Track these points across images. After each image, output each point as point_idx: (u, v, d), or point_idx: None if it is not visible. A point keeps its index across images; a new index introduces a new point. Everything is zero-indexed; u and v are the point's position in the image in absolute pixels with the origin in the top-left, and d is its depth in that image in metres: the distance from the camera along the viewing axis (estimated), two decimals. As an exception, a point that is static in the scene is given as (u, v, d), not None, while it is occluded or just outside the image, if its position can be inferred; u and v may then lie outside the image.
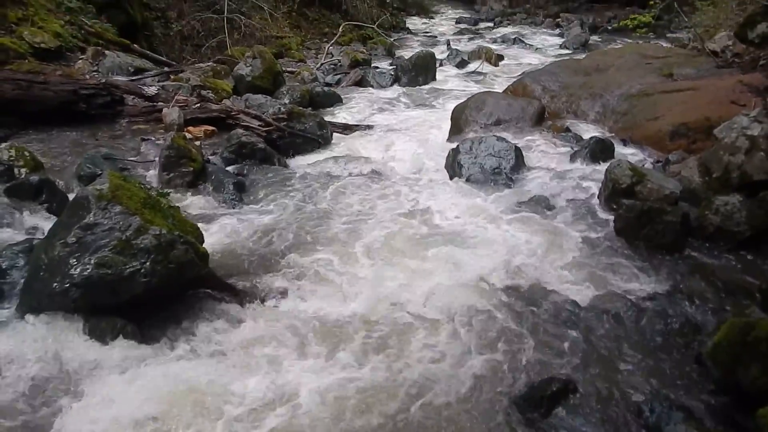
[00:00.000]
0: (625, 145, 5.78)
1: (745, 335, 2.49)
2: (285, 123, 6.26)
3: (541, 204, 4.57)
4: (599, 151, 5.40)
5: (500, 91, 8.09)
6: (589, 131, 6.27)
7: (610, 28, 17.05)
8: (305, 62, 12.56)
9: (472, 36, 18.43)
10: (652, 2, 8.05)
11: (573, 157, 5.50)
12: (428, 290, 3.48)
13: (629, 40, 12.85)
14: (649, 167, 5.02)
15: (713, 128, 4.77)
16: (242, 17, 13.36)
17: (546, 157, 5.63)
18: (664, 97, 6.15)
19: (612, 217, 4.19)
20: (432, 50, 12.15)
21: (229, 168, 5.46)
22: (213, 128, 6.30)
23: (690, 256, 3.80)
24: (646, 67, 7.42)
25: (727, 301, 3.27)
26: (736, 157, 4.08)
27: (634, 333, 3.11)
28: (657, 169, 5.01)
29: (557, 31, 18.53)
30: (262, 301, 3.46)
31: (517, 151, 5.44)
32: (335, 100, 8.70)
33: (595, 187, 4.74)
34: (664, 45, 10.99)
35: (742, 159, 4.04)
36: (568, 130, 6.25)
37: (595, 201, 4.57)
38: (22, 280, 3.22)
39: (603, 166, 4.87)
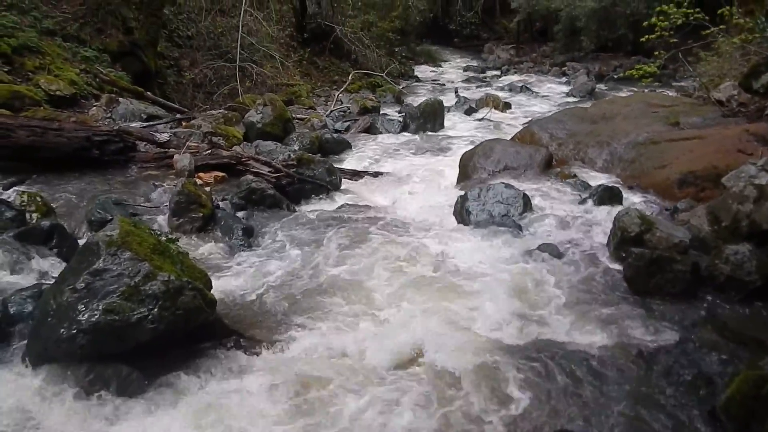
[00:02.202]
0: (632, 192, 5.79)
1: (759, 389, 2.45)
2: (294, 169, 6.31)
3: (550, 251, 4.55)
4: (607, 198, 5.41)
5: (508, 138, 8.17)
6: (596, 178, 6.30)
7: (615, 76, 17.27)
8: (315, 109, 12.75)
9: (479, 84, 18.70)
10: (657, 53, 8.17)
11: (581, 205, 5.51)
12: (438, 340, 3.43)
13: (635, 89, 13.00)
14: (658, 215, 5.02)
15: (721, 177, 4.80)
16: (254, 65, 13.64)
17: (554, 204, 5.63)
18: (671, 146, 6.20)
19: (621, 266, 4.17)
20: (440, 98, 12.30)
21: (238, 214, 5.48)
22: (223, 174, 6.35)
23: (701, 305, 3.76)
24: (653, 115, 7.50)
25: (739, 352, 3.21)
26: (744, 206, 4.07)
27: (645, 384, 3.05)
28: (665, 217, 5.00)
29: (563, 79, 18.78)
30: (270, 349, 3.43)
31: (525, 198, 5.45)
32: (344, 147, 8.78)
33: (603, 235, 4.73)
34: (670, 94, 11.14)
35: (751, 208, 4.04)
36: (575, 177, 6.28)
37: (604, 249, 4.55)
38: (30, 326, 3.21)
39: (611, 214, 4.88)
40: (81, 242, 4.34)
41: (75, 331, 2.90)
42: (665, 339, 3.43)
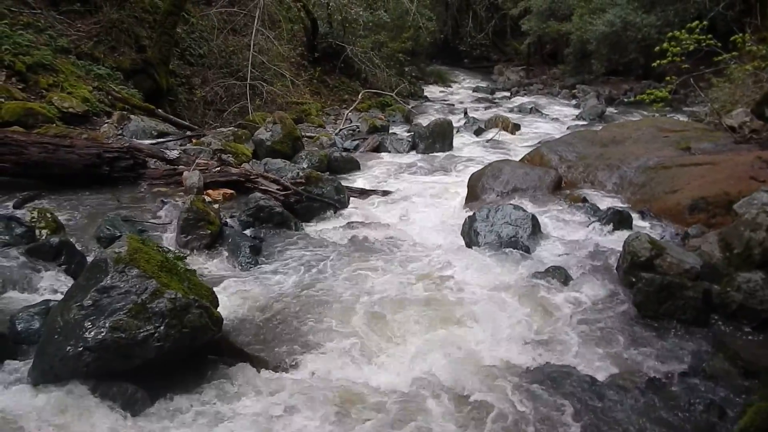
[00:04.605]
0: (642, 217, 5.75)
1: (774, 421, 2.40)
2: (303, 187, 6.32)
3: (558, 274, 4.51)
4: (617, 222, 5.38)
5: (517, 159, 8.16)
6: (606, 202, 6.27)
7: (626, 100, 17.24)
8: (324, 127, 12.82)
9: (489, 105, 18.75)
10: (668, 77, 8.17)
11: (590, 228, 5.47)
12: (445, 362, 3.41)
13: (645, 113, 13.00)
14: (668, 240, 4.98)
15: (733, 203, 4.76)
16: (264, 84, 13.74)
17: (563, 227, 5.60)
18: (682, 171, 6.16)
19: (631, 290, 4.13)
20: (449, 118, 12.32)
21: (246, 231, 5.49)
22: (232, 191, 6.37)
23: (712, 333, 3.71)
24: (664, 140, 7.47)
25: (752, 382, 3.16)
26: (757, 234, 4.02)
27: (655, 413, 3.00)
28: (676, 242, 4.96)
29: (573, 101, 18.80)
30: (275, 368, 3.40)
31: (534, 219, 5.43)
32: (353, 166, 8.81)
33: (613, 259, 4.69)
34: (681, 119, 11.12)
35: (764, 236, 3.98)
36: (585, 200, 6.25)
37: (613, 273, 4.51)
38: (37, 343, 3.20)
39: (621, 238, 4.84)
40: (90, 259, 4.34)
41: (81, 349, 2.89)
42: (675, 367, 3.38)
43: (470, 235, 5.40)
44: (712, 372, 3.26)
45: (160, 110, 10.10)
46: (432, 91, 22.74)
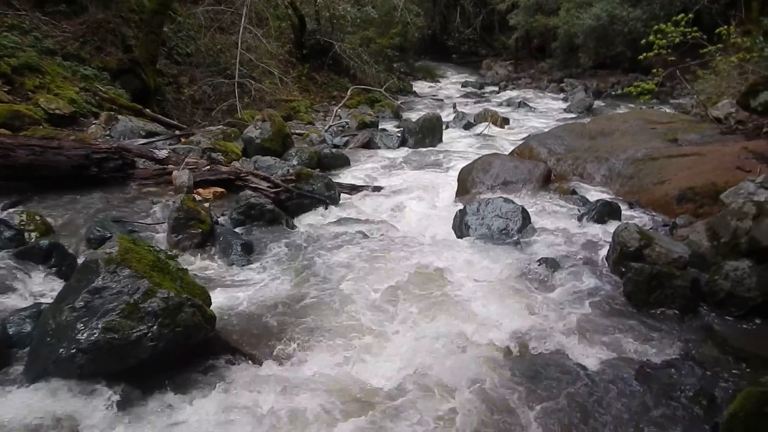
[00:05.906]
0: (631, 208, 5.80)
1: (763, 405, 2.43)
2: (293, 184, 6.32)
3: (549, 266, 4.54)
4: (606, 213, 5.42)
5: (506, 153, 8.19)
6: (595, 194, 6.32)
7: (613, 93, 17.28)
8: (314, 124, 12.82)
9: (477, 99, 18.81)
10: (654, 70, 8.22)
11: (580, 219, 5.51)
12: (437, 355, 3.43)
13: (633, 106, 13.06)
14: (657, 231, 5.02)
15: (720, 193, 4.81)
16: (253, 82, 13.70)
17: (553, 219, 5.64)
18: (669, 162, 6.21)
19: (620, 281, 4.17)
20: (438, 113, 12.34)
21: (237, 229, 5.48)
22: (222, 190, 6.35)
23: (701, 321, 3.75)
24: (651, 132, 7.52)
25: (741, 369, 3.21)
26: (743, 223, 4.07)
27: (645, 401, 3.04)
28: (664, 232, 5.01)
29: (561, 95, 18.88)
30: (269, 365, 3.41)
31: (524, 212, 5.46)
32: (343, 162, 8.81)
33: (602, 250, 4.74)
34: (668, 111, 11.19)
35: (750, 225, 4.04)
36: (574, 192, 6.29)
37: (603, 264, 4.55)
38: (29, 346, 3.19)
39: (610, 229, 4.89)
40: (80, 260, 4.33)
41: (74, 351, 2.88)
42: (665, 355, 3.42)
43: (461, 229, 5.43)
44: (701, 359, 3.30)
45: (147, 110, 10.05)
46: (421, 86, 22.75)
